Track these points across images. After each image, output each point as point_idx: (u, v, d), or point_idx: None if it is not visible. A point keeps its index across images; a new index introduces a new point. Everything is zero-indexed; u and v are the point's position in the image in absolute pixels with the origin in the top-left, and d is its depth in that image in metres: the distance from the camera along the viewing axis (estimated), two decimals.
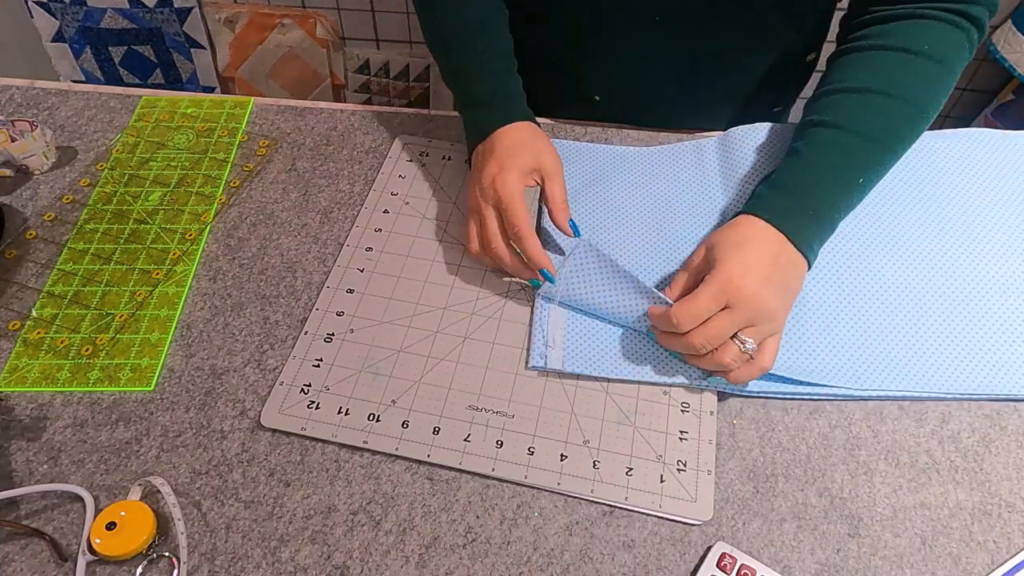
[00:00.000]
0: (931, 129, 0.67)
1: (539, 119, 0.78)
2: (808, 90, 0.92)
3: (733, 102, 0.79)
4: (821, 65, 0.73)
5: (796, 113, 0.92)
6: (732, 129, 0.73)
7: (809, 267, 0.58)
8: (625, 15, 0.70)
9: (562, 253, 0.65)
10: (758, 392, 0.57)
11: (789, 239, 0.56)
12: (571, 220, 0.62)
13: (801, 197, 0.58)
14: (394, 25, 1.64)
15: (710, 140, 0.73)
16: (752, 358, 0.54)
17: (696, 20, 0.69)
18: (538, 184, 0.64)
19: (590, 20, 0.73)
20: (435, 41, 0.70)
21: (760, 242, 0.56)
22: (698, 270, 0.58)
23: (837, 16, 0.71)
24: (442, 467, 0.54)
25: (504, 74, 0.68)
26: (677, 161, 0.72)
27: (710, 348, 0.54)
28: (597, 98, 0.79)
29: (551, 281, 0.60)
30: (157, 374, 0.58)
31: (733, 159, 0.70)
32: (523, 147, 0.63)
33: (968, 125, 1.54)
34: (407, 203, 0.71)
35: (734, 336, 0.54)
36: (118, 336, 0.61)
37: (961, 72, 0.62)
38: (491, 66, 0.67)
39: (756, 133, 0.71)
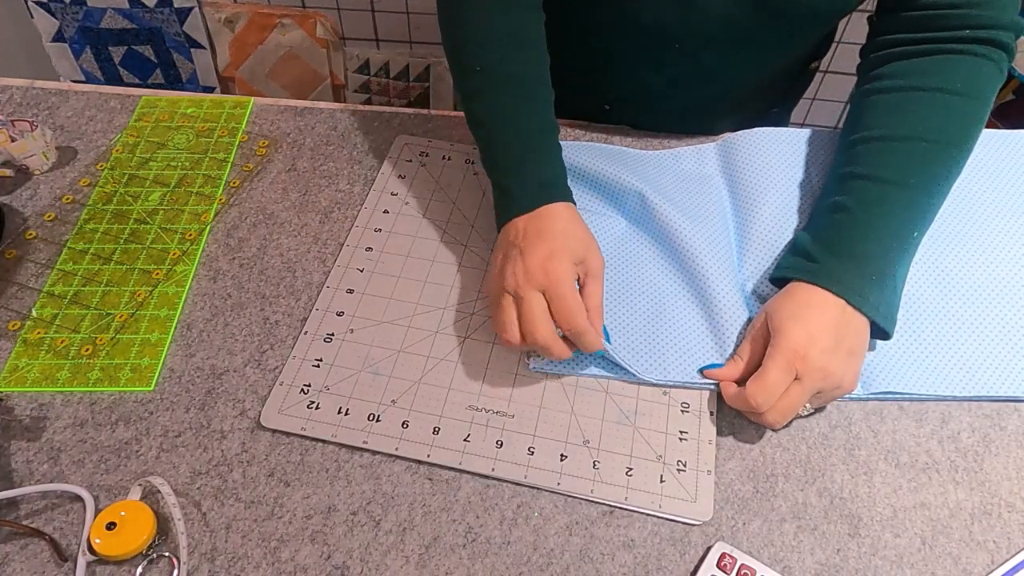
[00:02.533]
0: None
1: None
2: (809, 92, 0.92)
3: (735, 107, 0.79)
4: (825, 67, 0.72)
5: (796, 115, 0.92)
6: (731, 135, 0.73)
7: (879, 327, 0.55)
8: (641, 34, 0.70)
9: None
10: None
11: (851, 304, 0.54)
12: (603, 326, 0.58)
13: (859, 260, 0.56)
14: (394, 25, 1.64)
15: (709, 146, 0.73)
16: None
17: (710, 39, 0.68)
18: (579, 279, 0.58)
19: (605, 37, 0.72)
20: (468, 86, 0.64)
21: (819, 309, 0.54)
22: (761, 336, 0.56)
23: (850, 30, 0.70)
24: (442, 467, 0.54)
25: (552, 148, 0.63)
26: (677, 165, 0.72)
27: (784, 423, 0.53)
28: (607, 107, 0.79)
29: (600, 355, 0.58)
30: (157, 374, 0.58)
31: (735, 164, 0.70)
32: (574, 236, 0.58)
33: None
34: (407, 203, 0.71)
35: None
36: (118, 336, 0.61)
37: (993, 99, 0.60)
38: (539, 137, 0.62)
39: (756, 138, 0.71)
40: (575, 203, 0.61)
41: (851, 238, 0.57)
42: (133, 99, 0.80)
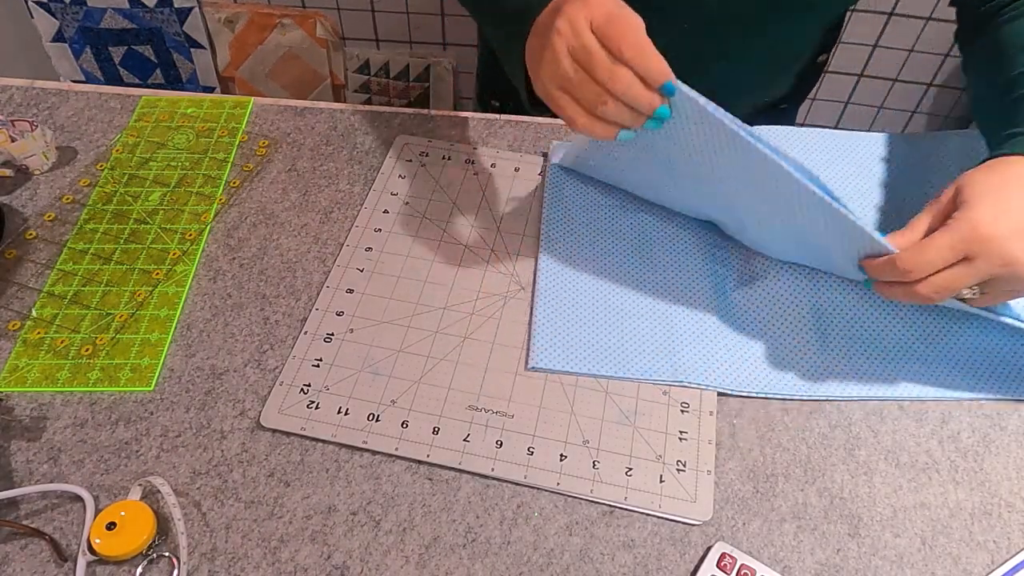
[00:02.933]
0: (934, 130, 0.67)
1: (540, 118, 0.79)
2: (814, 92, 0.91)
3: (743, 101, 0.79)
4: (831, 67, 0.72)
5: (806, 115, 0.92)
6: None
7: None
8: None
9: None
10: (756, 392, 0.57)
11: None
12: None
13: None
14: (394, 25, 1.64)
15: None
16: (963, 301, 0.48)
17: (718, 32, 0.68)
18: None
19: None
20: None
21: None
22: (945, 211, 0.50)
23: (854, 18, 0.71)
24: (442, 467, 0.54)
25: None
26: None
27: (937, 299, 0.47)
28: None
29: (671, 94, 0.49)
30: (157, 374, 0.58)
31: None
32: None
33: (967, 126, 1.55)
34: (407, 203, 0.71)
35: None
36: (118, 336, 0.61)
37: None
38: None
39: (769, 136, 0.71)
40: None
41: None
42: (133, 99, 0.80)
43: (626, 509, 0.52)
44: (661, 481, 0.53)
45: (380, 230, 0.69)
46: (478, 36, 0.95)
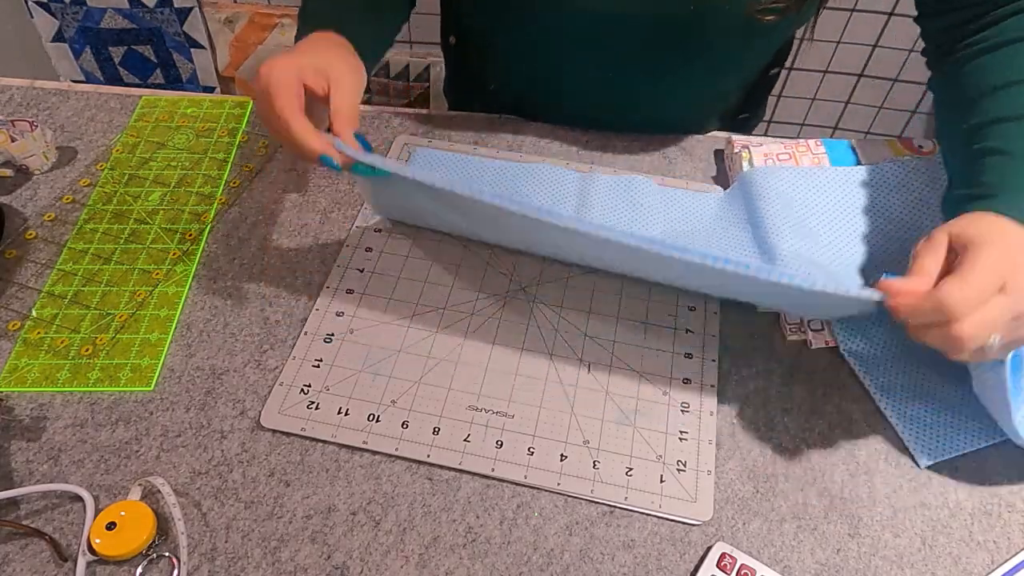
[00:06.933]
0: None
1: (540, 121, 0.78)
2: (807, 92, 0.91)
3: (697, 113, 0.78)
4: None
5: (795, 115, 0.92)
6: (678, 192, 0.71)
7: None
8: (578, 42, 0.68)
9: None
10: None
11: None
12: (358, 134, 0.55)
13: None
14: None
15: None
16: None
17: (645, 58, 0.68)
18: (323, 90, 0.55)
19: (544, 43, 0.71)
20: None
21: (1018, 236, 0.46)
22: (941, 257, 0.46)
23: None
24: (442, 467, 0.54)
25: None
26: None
27: (975, 341, 0.42)
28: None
29: (336, 168, 0.54)
30: (157, 374, 0.58)
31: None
32: (313, 50, 0.57)
33: None
34: None
35: None
36: (118, 336, 0.61)
37: None
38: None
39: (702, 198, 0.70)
40: (350, 39, 0.60)
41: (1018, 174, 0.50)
42: (133, 99, 0.80)
43: (626, 509, 0.52)
44: (661, 481, 0.53)
45: (380, 230, 0.69)
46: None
